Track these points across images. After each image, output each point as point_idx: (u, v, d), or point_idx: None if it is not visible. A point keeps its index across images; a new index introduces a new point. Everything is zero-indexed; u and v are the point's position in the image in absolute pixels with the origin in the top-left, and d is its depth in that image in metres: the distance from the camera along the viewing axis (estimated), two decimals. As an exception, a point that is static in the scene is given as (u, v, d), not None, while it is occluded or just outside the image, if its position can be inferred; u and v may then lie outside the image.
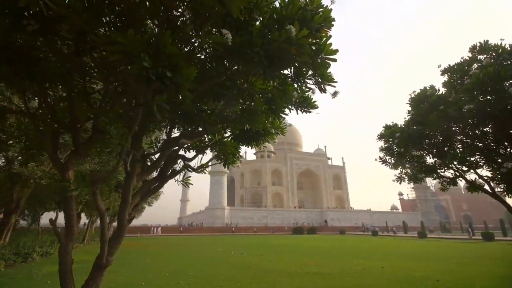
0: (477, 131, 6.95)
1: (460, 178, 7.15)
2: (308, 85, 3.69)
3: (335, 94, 3.31)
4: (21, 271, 10.62)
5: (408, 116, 7.03)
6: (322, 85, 3.36)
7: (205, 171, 4.14)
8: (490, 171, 7.05)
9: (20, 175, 9.14)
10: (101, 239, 2.67)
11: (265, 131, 4.56)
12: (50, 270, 10.95)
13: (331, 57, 2.75)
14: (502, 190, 6.39)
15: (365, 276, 9.64)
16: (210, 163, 4.34)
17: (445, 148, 7.51)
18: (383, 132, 7.49)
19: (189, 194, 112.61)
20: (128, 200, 2.86)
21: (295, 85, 3.55)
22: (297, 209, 73.69)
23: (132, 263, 12.90)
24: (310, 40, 2.51)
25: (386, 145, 7.72)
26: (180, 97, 2.82)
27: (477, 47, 5.66)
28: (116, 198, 16.53)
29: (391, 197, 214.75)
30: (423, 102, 6.26)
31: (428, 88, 6.63)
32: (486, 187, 6.58)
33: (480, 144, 6.74)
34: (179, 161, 3.96)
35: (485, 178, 6.59)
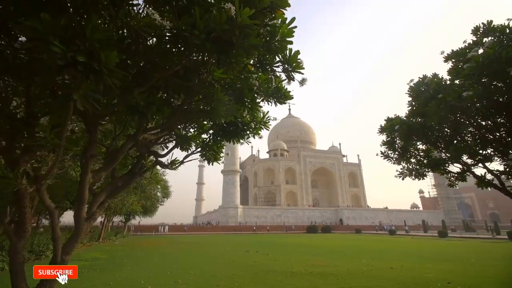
0: (489, 122, 6.39)
1: (468, 173, 6.60)
2: (278, 74, 3.48)
3: (302, 81, 3.07)
4: (30, 267, 11.03)
5: (409, 107, 6.56)
6: (290, 73, 3.14)
7: (176, 167, 4.00)
8: (505, 164, 6.48)
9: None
10: (53, 237, 2.60)
11: (243, 125, 4.37)
12: (59, 267, 11.38)
13: (288, 39, 2.52)
14: (513, 185, 5.84)
15: (370, 277, 9.22)
16: (186, 160, 4.21)
17: (454, 141, 6.97)
18: (383, 125, 7.06)
19: (204, 193, 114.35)
20: (84, 197, 2.77)
21: (262, 74, 3.35)
22: (311, 207, 72.80)
23: (139, 261, 13.12)
24: (258, 20, 2.28)
25: (388, 139, 7.28)
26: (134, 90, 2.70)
27: (481, 29, 5.12)
28: (121, 197, 16.91)
29: (411, 195, 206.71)
30: (422, 91, 5.79)
31: (430, 76, 6.16)
32: (496, 182, 6.02)
33: (491, 136, 6.18)
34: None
35: (495, 172, 6.02)
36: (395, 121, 6.59)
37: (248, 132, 4.70)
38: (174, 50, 2.72)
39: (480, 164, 6.21)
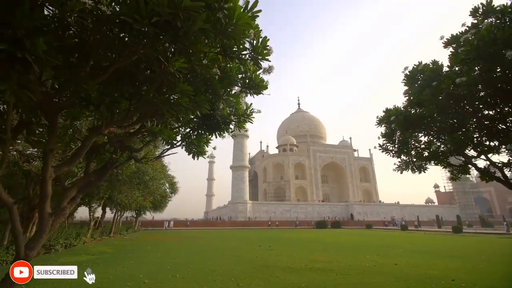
0: (496, 111, 5.99)
1: (470, 166, 6.21)
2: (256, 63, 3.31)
3: (269, 69, 2.91)
4: (43, 261, 11.35)
5: (406, 96, 6.19)
6: (258, 61, 2.98)
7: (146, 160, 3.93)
8: (510, 155, 6.08)
9: (29, 172, 9.71)
10: (13, 233, 2.58)
11: (223, 119, 4.25)
12: (66, 261, 11.67)
13: (245, 23, 2.36)
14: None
15: (372, 273, 8.99)
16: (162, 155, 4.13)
17: (459, 133, 6.59)
18: (381, 116, 6.74)
19: (214, 188, 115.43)
20: (46, 192, 2.74)
21: (234, 64, 3.20)
22: (321, 202, 72.21)
23: (144, 255, 13.33)
24: (203, 2, 2.13)
25: (386, 131, 6.96)
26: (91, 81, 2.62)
27: (480, 10, 4.70)
28: (134, 193, 17.21)
29: (426, 189, 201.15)
30: (417, 79, 5.43)
31: (428, 63, 5.80)
32: (499, 174, 5.63)
33: (495, 128, 5.78)
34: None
35: (498, 164, 5.63)
36: (392, 112, 6.27)
37: (230, 125, 4.58)
38: (134, 39, 2.62)
39: (482, 156, 5.83)
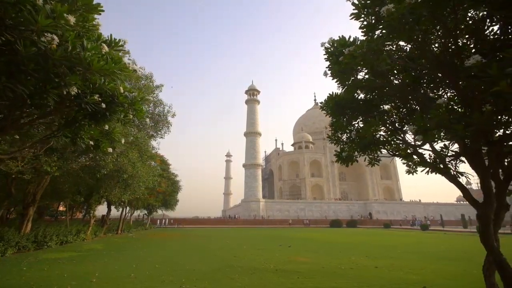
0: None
1: (415, 156, 5.28)
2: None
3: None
4: (25, 257, 11.72)
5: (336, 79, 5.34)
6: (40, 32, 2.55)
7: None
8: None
9: (9, 172, 9.92)
10: None
11: (91, 107, 3.88)
12: (47, 257, 11.97)
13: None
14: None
15: (339, 276, 8.25)
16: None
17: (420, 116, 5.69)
18: (320, 103, 5.95)
19: (232, 187, 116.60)
20: None
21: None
22: (337, 201, 69.93)
23: (124, 253, 13.32)
24: None
25: (333, 120, 6.20)
26: None
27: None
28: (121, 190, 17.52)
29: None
30: (335, 54, 4.58)
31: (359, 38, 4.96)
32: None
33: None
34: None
35: (443, 154, 4.67)
36: (328, 98, 5.53)
37: (114, 114, 4.22)
38: None
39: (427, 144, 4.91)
